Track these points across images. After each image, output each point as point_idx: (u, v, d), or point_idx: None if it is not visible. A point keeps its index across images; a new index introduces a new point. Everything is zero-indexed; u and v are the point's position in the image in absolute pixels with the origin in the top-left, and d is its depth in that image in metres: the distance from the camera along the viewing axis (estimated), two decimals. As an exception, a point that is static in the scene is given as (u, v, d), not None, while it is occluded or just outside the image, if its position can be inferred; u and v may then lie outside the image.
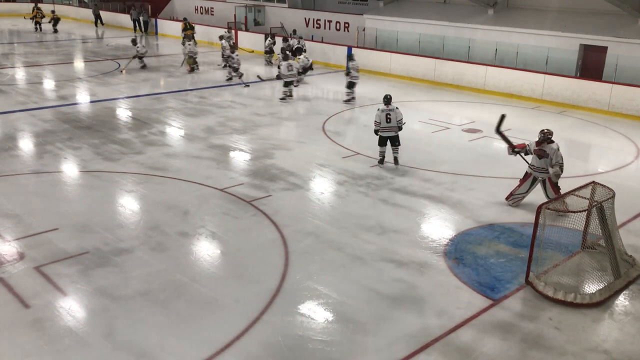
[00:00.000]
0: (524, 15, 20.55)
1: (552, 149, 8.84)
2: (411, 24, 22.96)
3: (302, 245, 7.92)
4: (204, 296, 6.67)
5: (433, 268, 7.45)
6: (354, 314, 6.40)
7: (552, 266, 7.31)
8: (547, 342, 6.02)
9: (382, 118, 10.98)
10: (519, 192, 9.35)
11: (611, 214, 7.32)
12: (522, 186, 9.31)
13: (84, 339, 5.85)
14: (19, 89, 17.38)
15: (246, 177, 10.46)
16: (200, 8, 34.31)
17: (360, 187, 10.12)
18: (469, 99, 18.05)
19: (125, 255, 7.53)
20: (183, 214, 8.80)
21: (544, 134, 8.96)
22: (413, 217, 9.04)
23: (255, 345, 5.83)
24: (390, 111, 10.99)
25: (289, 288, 6.87)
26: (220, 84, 19.18)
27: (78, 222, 8.45)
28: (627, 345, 6.04)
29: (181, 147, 12.35)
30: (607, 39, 17.84)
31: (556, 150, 8.80)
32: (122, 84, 18.77)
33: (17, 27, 33.78)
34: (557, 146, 8.84)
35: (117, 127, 13.65)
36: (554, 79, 17.45)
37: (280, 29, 28.10)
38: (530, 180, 9.23)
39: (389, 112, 10.98)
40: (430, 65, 20.23)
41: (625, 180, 10.89)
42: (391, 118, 10.96)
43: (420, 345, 5.89)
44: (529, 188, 9.27)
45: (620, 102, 16.14)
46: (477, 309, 6.55)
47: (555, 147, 8.84)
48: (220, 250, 7.84)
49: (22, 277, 6.95)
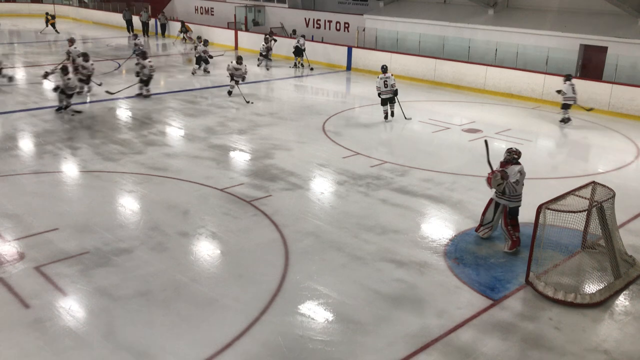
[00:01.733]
0: (524, 15, 20.56)
1: (513, 171, 7.69)
2: (411, 24, 22.97)
3: (302, 245, 7.92)
4: (204, 296, 6.67)
5: (433, 268, 7.45)
6: (354, 314, 6.40)
7: (552, 266, 7.31)
8: (547, 342, 6.02)
9: (381, 84, 14.32)
10: (486, 222, 8.18)
11: (611, 214, 7.32)
12: (487, 214, 8.17)
13: (84, 339, 5.84)
14: (19, 89, 17.38)
15: (246, 177, 10.46)
16: (200, 8, 34.32)
17: (360, 187, 10.12)
18: (469, 99, 18.05)
19: (125, 255, 7.52)
20: (183, 214, 8.80)
21: (509, 153, 7.89)
22: (413, 217, 9.04)
23: (255, 345, 5.83)
24: (387, 78, 14.32)
25: (289, 288, 6.87)
26: (220, 84, 19.17)
27: (78, 222, 8.45)
28: (627, 345, 6.04)
29: (181, 147, 12.35)
30: (607, 39, 17.84)
31: (516, 173, 7.67)
32: (122, 84, 18.76)
33: (17, 27, 33.78)
34: (519, 169, 7.71)
35: (117, 127, 13.65)
36: (554, 79, 17.44)
37: (280, 29, 28.12)
38: (493, 206, 8.09)
39: (386, 79, 14.29)
40: (430, 65, 20.23)
41: (626, 180, 10.89)
42: (387, 84, 14.25)
43: (420, 345, 5.89)
44: (494, 215, 8.09)
45: (620, 102, 16.15)
46: (477, 309, 6.55)
47: (517, 169, 7.70)
48: (220, 250, 7.84)
49: (22, 277, 6.95)
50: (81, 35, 31.50)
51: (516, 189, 7.72)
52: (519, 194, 7.82)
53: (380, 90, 14.36)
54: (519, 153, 7.89)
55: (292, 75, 21.24)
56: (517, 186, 7.72)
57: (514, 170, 7.70)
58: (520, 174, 7.71)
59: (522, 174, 7.73)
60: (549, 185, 10.33)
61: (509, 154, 7.88)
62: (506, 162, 7.88)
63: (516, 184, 7.68)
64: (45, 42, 28.23)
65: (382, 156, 11.84)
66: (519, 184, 7.72)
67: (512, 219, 7.89)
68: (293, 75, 21.25)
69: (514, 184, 7.67)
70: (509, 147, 8.02)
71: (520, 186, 7.79)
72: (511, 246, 7.86)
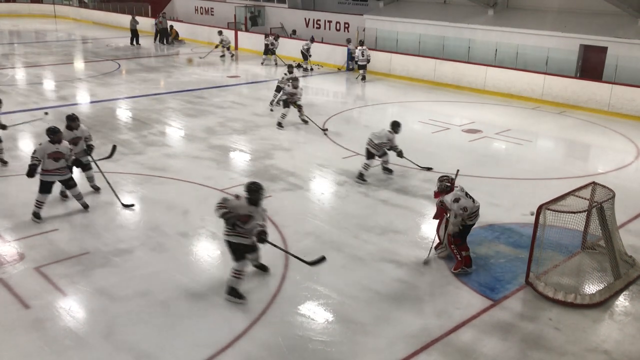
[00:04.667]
0: (524, 16, 20.55)
1: (447, 201, 7.20)
2: (411, 24, 22.97)
3: (302, 246, 7.92)
4: (203, 296, 6.67)
5: (433, 268, 7.45)
6: (354, 314, 6.40)
7: (552, 267, 7.31)
8: (547, 342, 6.02)
9: (359, 54, 20.21)
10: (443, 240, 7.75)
11: (611, 215, 7.32)
12: (440, 232, 7.80)
13: (84, 340, 5.85)
14: (19, 90, 17.38)
15: (246, 178, 10.45)
16: (200, 8, 34.31)
17: (360, 188, 10.12)
18: (469, 100, 18.05)
19: (125, 256, 7.53)
20: (183, 214, 8.80)
21: (441, 182, 7.48)
22: (413, 217, 9.05)
23: (256, 345, 5.84)
24: (364, 50, 20.16)
25: (289, 288, 6.87)
26: (220, 84, 19.17)
27: (78, 222, 8.45)
28: (627, 345, 6.04)
29: (181, 147, 12.35)
30: (607, 39, 17.83)
31: (451, 203, 7.12)
32: (122, 84, 18.78)
33: (17, 28, 33.78)
34: (452, 197, 7.14)
35: (117, 127, 13.65)
36: (554, 79, 17.46)
37: (280, 29, 28.12)
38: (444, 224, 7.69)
39: (363, 50, 20.13)
40: (430, 65, 20.23)
41: (625, 180, 10.89)
42: (364, 54, 20.05)
43: (420, 345, 5.89)
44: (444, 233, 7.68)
45: (620, 103, 16.15)
46: (477, 309, 6.56)
47: (450, 198, 7.16)
48: (220, 251, 7.83)
49: (22, 277, 6.95)
50: (81, 35, 31.53)
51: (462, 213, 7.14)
52: (473, 212, 7.23)
53: (358, 59, 20.25)
54: (450, 180, 7.48)
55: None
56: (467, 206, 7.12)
57: (448, 201, 7.16)
58: (456, 201, 7.08)
59: (457, 201, 7.09)
60: (548, 185, 10.34)
61: (440, 183, 7.49)
62: (440, 192, 7.48)
63: (464, 210, 7.09)
64: (45, 42, 28.24)
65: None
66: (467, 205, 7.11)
67: (457, 238, 7.31)
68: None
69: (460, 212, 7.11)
70: (440, 176, 7.61)
71: (470, 204, 7.18)
72: (455, 266, 7.31)
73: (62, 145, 8.46)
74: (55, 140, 8.37)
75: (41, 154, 8.31)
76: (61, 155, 8.44)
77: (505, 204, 9.55)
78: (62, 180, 8.63)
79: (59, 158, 8.43)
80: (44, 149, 8.33)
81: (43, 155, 8.31)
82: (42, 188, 8.43)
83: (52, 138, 8.35)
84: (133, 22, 27.70)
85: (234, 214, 6.32)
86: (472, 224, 7.37)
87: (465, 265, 7.31)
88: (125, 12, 34.10)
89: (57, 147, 8.39)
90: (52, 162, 8.38)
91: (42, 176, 8.40)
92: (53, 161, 8.38)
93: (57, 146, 8.39)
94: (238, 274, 6.53)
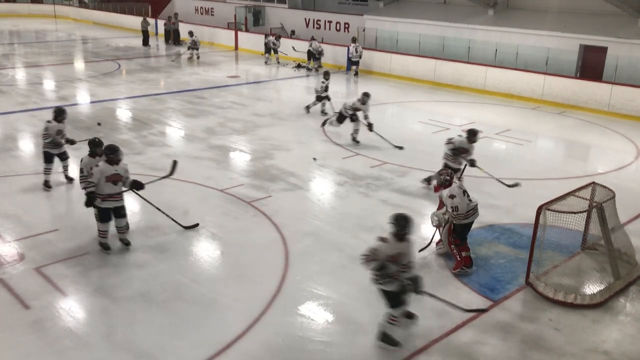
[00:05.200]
0: (524, 16, 20.56)
1: (444, 196, 7.25)
2: (411, 24, 22.96)
3: (302, 246, 7.92)
4: (203, 296, 6.67)
5: (433, 268, 7.45)
6: (354, 315, 6.40)
7: (552, 267, 7.31)
8: (547, 343, 6.02)
9: (353, 50, 20.81)
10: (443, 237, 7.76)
11: (612, 215, 7.32)
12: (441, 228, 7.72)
13: (84, 340, 5.85)
14: (19, 90, 17.38)
15: (246, 178, 10.46)
16: (200, 8, 34.32)
17: (360, 188, 10.12)
18: (469, 100, 18.05)
19: (125, 256, 7.52)
20: (183, 214, 8.79)
21: (440, 176, 7.44)
22: (413, 217, 9.00)
23: (256, 345, 5.84)
24: (357, 46, 20.84)
25: (289, 289, 6.87)
26: (220, 84, 19.17)
27: (78, 222, 8.44)
28: (627, 345, 6.04)
29: (181, 147, 12.35)
30: (607, 39, 17.84)
31: (447, 198, 7.17)
32: (122, 84, 18.78)
33: (17, 28, 33.78)
34: (449, 193, 7.17)
35: (117, 127, 13.65)
36: (554, 79, 17.46)
37: (281, 29, 28.11)
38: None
39: (356, 47, 20.80)
40: (430, 65, 20.23)
41: (625, 180, 10.89)
42: (358, 50, 20.82)
43: (420, 345, 5.89)
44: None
45: (620, 103, 16.15)
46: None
47: (447, 193, 7.20)
48: (220, 251, 7.84)
49: (22, 278, 6.95)
50: (81, 35, 31.53)
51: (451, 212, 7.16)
52: (462, 213, 7.19)
53: (352, 55, 20.92)
54: (449, 174, 7.44)
55: (292, 76, 21.24)
56: (459, 206, 7.10)
57: (444, 195, 7.19)
58: (452, 197, 7.07)
59: (453, 197, 7.08)
60: (548, 185, 10.34)
61: (440, 176, 7.45)
62: (439, 185, 7.46)
63: (455, 210, 7.10)
64: (44, 43, 28.24)
65: (382, 157, 11.83)
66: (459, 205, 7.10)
67: (457, 238, 7.31)
68: (293, 76, 21.25)
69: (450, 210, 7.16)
70: (439, 169, 7.46)
71: (465, 204, 7.17)
72: (455, 266, 7.31)
73: (120, 166, 7.30)
74: (114, 161, 7.20)
75: (98, 176, 7.07)
76: (119, 178, 7.28)
77: (505, 204, 9.54)
78: (116, 208, 7.42)
79: (117, 181, 7.25)
80: (102, 170, 7.09)
81: (100, 179, 7.11)
82: (102, 217, 7.33)
83: (110, 158, 7.18)
84: (144, 24, 27.43)
85: (384, 257, 5.60)
86: (469, 222, 7.37)
87: (465, 266, 7.31)
88: (126, 12, 34.13)
89: (116, 168, 7.24)
90: (110, 185, 7.18)
91: (101, 203, 7.24)
92: (112, 185, 7.19)
93: (116, 167, 7.24)
94: (394, 321, 5.82)
